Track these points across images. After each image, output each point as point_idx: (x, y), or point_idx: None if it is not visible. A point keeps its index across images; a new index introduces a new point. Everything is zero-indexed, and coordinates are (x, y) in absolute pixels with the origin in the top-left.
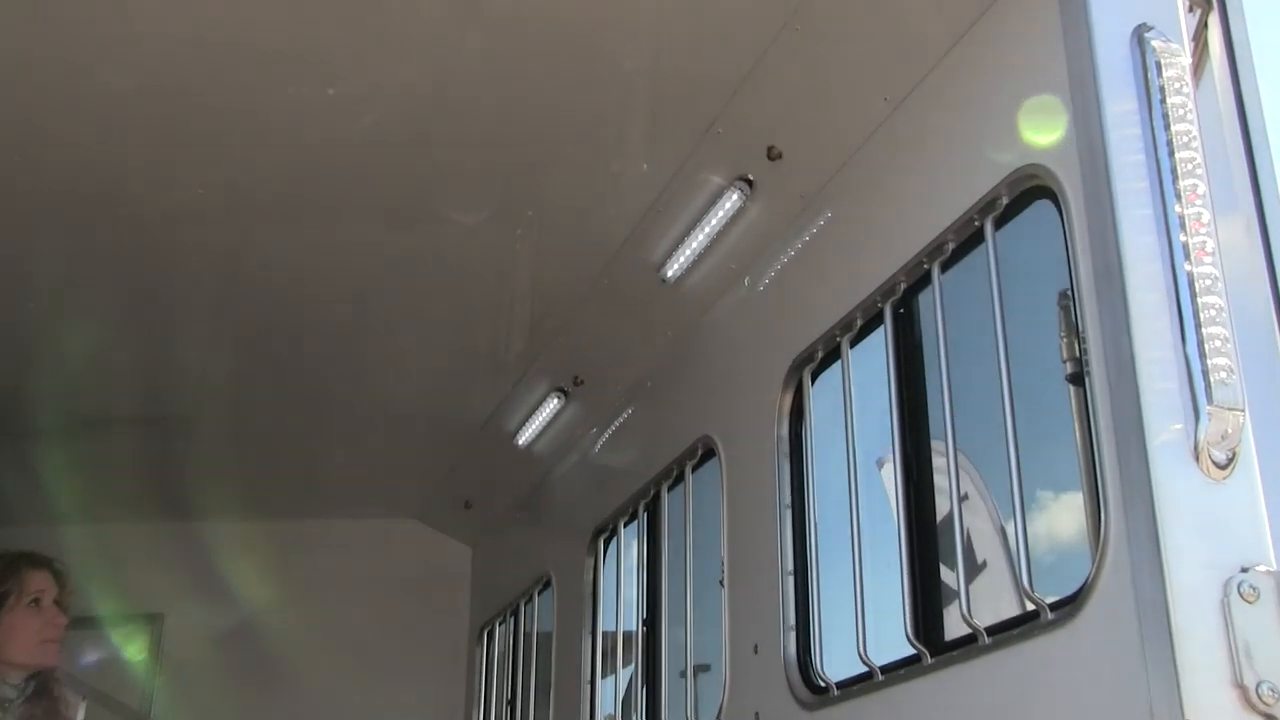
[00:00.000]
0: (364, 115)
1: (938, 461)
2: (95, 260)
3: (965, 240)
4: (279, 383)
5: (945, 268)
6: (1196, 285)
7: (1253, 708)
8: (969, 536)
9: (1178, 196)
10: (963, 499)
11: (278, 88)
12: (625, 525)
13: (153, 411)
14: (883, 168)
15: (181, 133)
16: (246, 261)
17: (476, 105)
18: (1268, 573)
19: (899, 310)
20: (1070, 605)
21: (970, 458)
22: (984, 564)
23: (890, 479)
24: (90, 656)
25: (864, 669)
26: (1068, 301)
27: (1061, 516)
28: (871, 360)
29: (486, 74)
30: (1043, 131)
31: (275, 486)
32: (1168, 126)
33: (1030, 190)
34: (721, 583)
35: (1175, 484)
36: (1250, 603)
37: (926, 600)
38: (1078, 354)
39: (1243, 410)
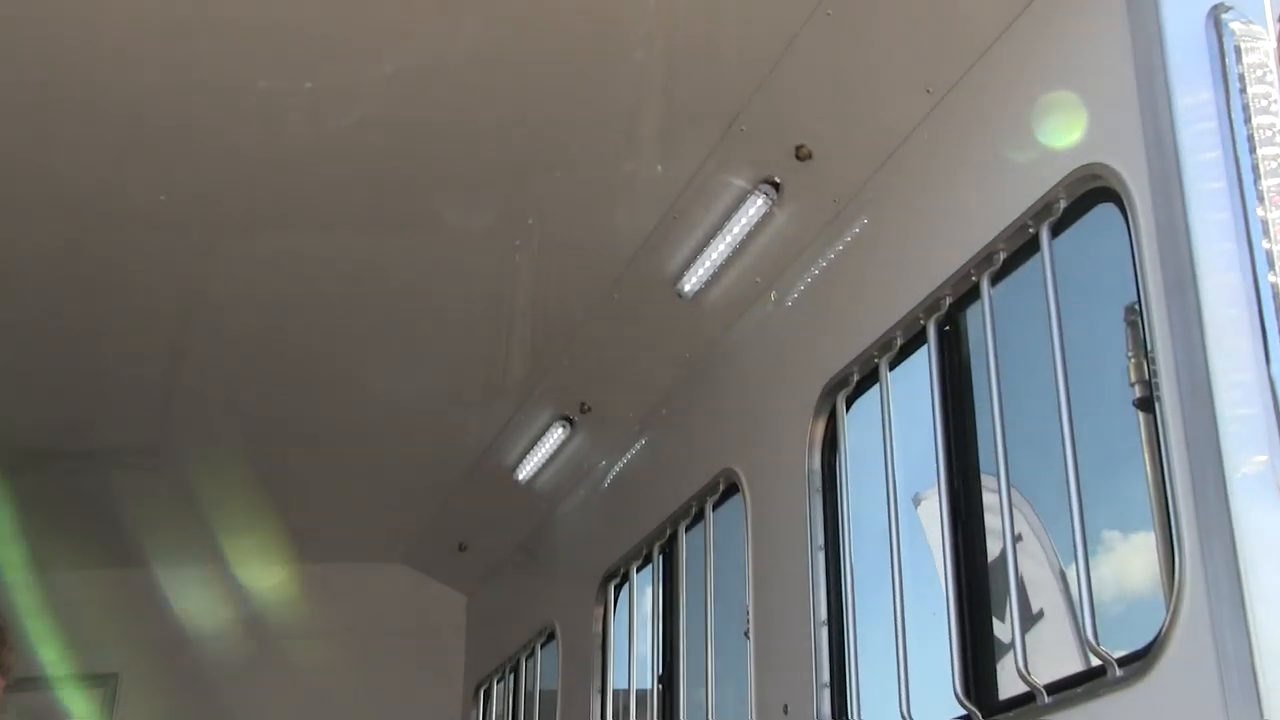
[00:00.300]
0: (345, 111)
1: (988, 498)
2: (37, 272)
3: (1018, 249)
4: (246, 411)
5: (996, 280)
6: None
7: None
8: (1025, 582)
9: (1259, 198)
10: (1017, 540)
11: (247, 81)
12: (638, 570)
13: (104, 444)
14: (925, 168)
15: (135, 132)
16: (210, 277)
17: (472, 99)
18: None
19: (944, 328)
20: (1141, 661)
21: (1025, 494)
22: (1041, 613)
23: (935, 517)
24: None
25: None
26: (1135, 317)
27: (1130, 560)
28: (913, 384)
29: (482, 64)
30: (1105, 126)
31: (242, 528)
32: (1248, 120)
33: (1091, 192)
34: (746, 634)
35: (1259, 522)
36: None
37: (977, 654)
38: (1146, 376)
39: None
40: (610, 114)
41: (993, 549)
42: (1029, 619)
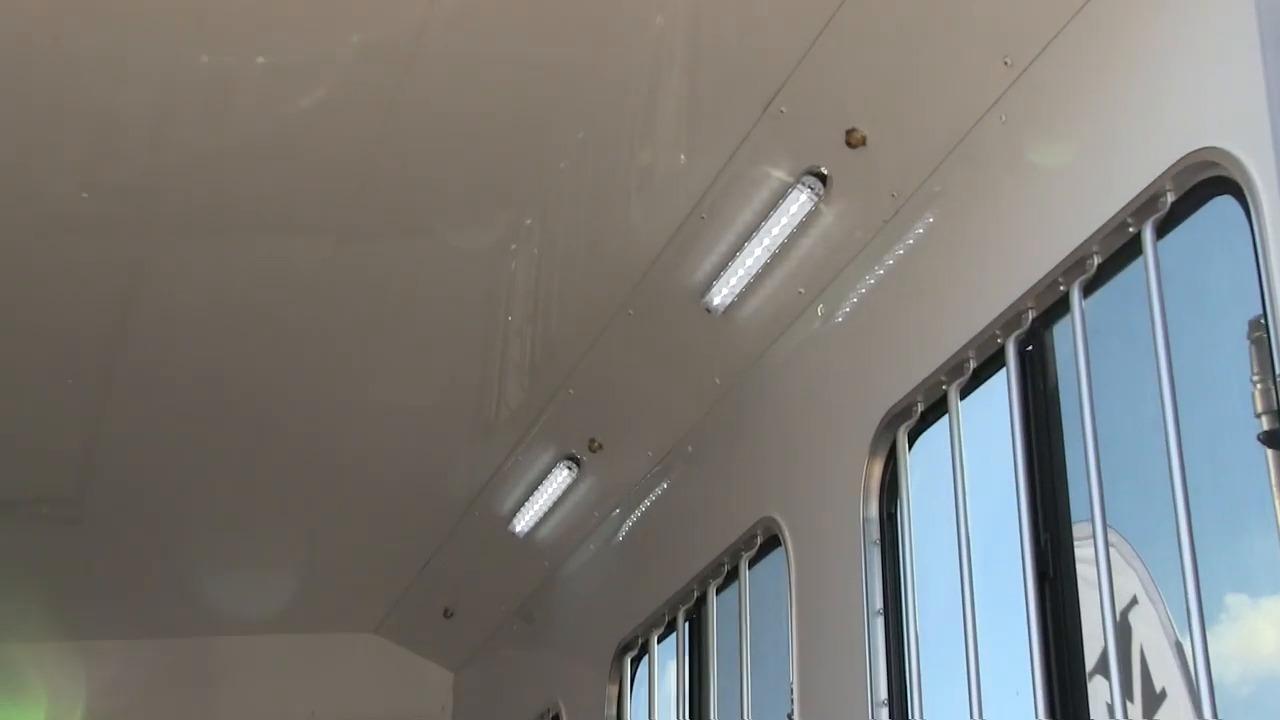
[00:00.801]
0: (307, 91)
1: (1082, 552)
2: None
3: (1116, 252)
4: (184, 451)
5: (1089, 290)
6: None
7: None
8: (1130, 654)
9: None
10: (1129, 606)
11: (188, 55)
12: (659, 640)
13: (13, 493)
14: (1002, 156)
15: (50, 117)
16: (143, 290)
17: (456, 76)
18: None
19: (1026, 347)
20: None
21: (1132, 545)
22: (1164, 693)
23: (1018, 575)
24: None
25: None
26: (1261, 333)
27: (1259, 629)
28: (990, 415)
29: (472, 35)
30: (1222, 104)
31: (190, 594)
32: None
33: (1206, 183)
34: (790, 716)
35: None
36: None
37: None
38: (1276, 405)
39: None
40: (623, 92)
41: (1090, 614)
42: (1136, 700)
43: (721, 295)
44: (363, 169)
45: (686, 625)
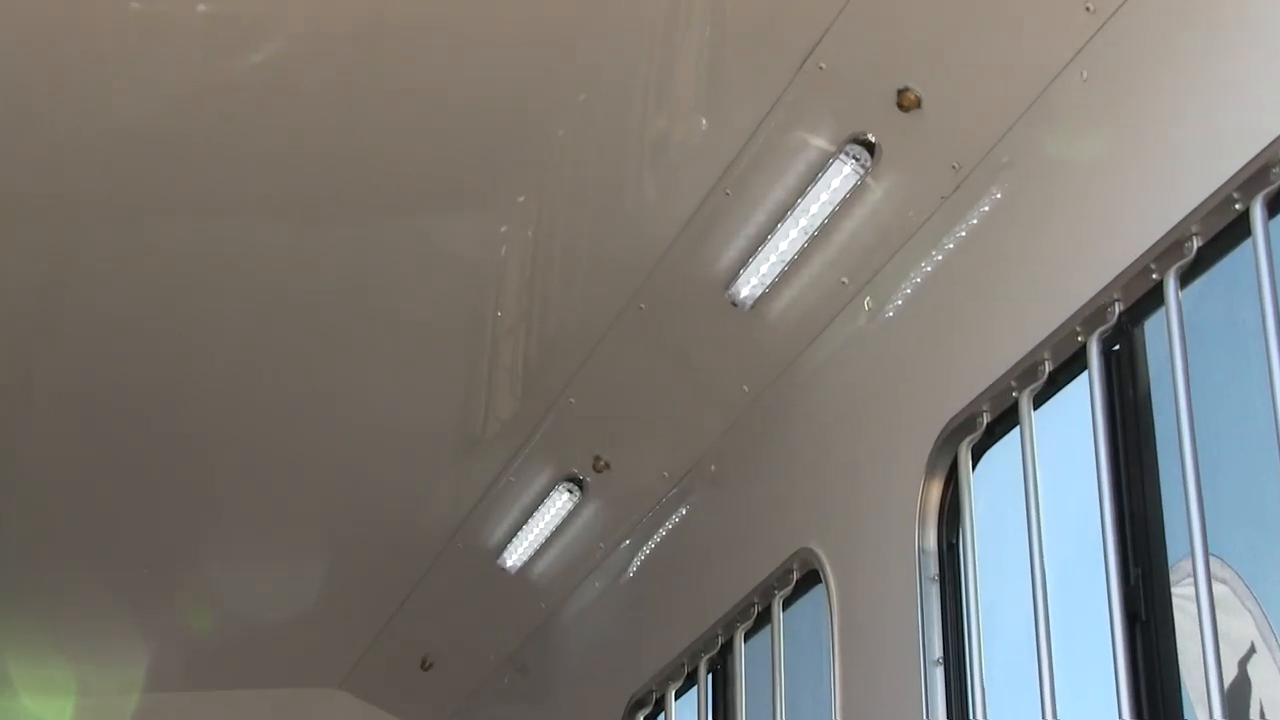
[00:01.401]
0: (257, 47)
1: (1181, 591)
2: None
3: (1219, 234)
4: (113, 471)
5: (1186, 279)
6: None
7: None
8: (1247, 714)
9: None
10: (1245, 656)
11: (114, 2)
12: (677, 695)
13: None
14: (1083, 120)
15: None
16: (65, 283)
17: (435, 19)
18: None
19: (1112, 347)
20: None
21: (1245, 583)
22: None
23: (1103, 618)
24: None
25: None
26: None
27: None
28: (1068, 427)
29: None
30: None
31: (127, 645)
32: None
33: None
34: None
35: None
36: None
37: None
38: None
39: None
40: (634, 45)
41: (1191, 662)
42: None
43: (750, 286)
44: (317, 134)
45: (709, 677)
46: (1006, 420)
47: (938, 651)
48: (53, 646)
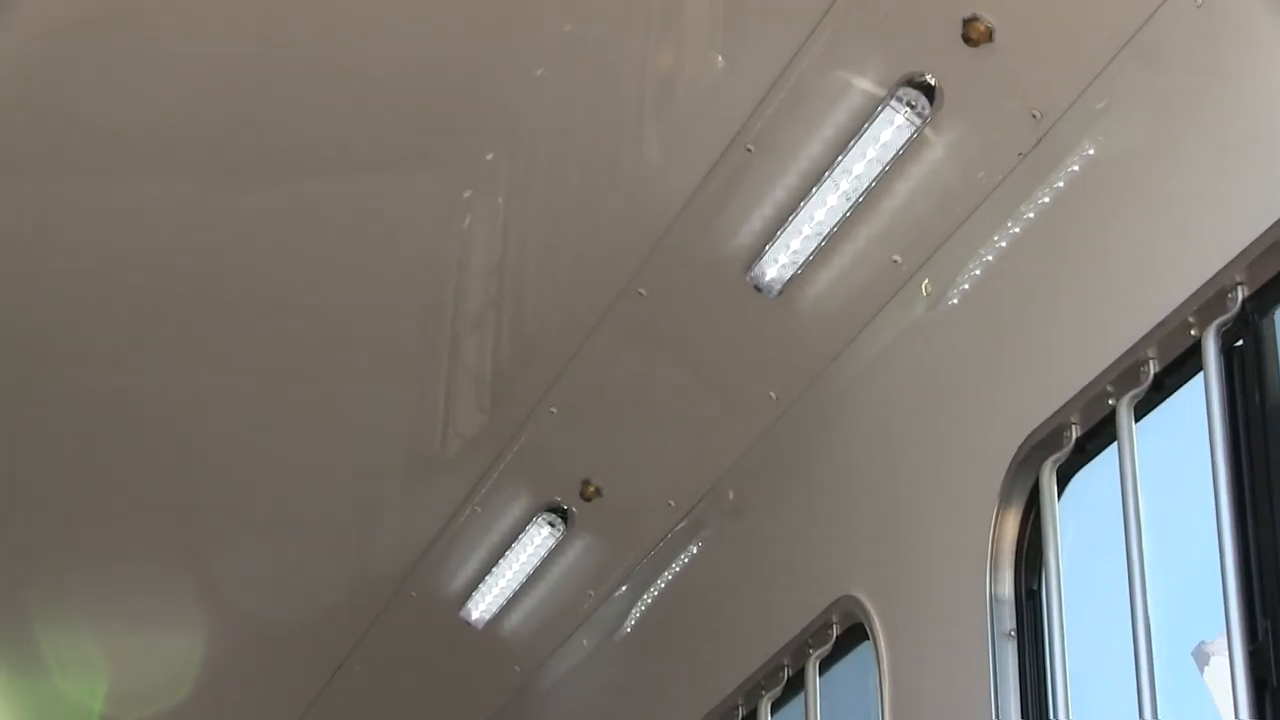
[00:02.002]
0: None
1: None
2: None
3: None
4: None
5: None
6: None
7: None
8: None
9: None
10: None
11: None
12: None
13: None
14: (1196, 55)
15: None
16: None
17: None
18: None
19: (1234, 342)
20: None
21: None
22: None
23: (1225, 681)
24: None
25: None
26: None
27: None
28: (1179, 442)
29: None
30: None
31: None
32: None
33: None
34: None
35: None
36: None
37: None
38: None
39: None
40: None
41: None
42: None
43: (777, 267)
44: (259, 88)
45: None
46: (1101, 435)
47: None
48: None
